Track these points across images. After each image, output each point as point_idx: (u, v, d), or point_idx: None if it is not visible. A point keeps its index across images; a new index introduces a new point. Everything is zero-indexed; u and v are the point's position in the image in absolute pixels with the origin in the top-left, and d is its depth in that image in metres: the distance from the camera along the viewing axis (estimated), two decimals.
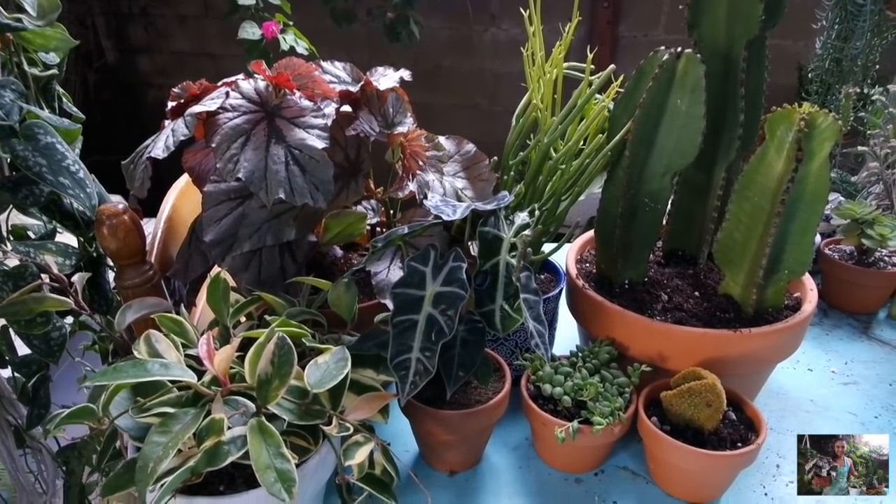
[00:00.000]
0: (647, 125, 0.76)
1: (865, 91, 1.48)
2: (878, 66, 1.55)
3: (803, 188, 0.72)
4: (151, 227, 0.83)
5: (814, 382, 0.92)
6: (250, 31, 1.53)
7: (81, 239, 0.77)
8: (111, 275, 0.80)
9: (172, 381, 0.57)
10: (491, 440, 0.78)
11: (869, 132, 1.18)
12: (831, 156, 0.71)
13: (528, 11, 0.81)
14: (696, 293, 0.84)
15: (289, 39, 1.57)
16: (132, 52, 2.95)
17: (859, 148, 1.15)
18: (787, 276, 0.77)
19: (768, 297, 0.79)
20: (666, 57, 0.73)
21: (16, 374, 0.76)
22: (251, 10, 1.57)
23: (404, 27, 2.00)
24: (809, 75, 1.67)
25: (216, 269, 0.78)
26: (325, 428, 0.56)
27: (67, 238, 0.76)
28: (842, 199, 1.13)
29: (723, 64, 0.78)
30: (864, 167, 1.21)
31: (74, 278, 0.68)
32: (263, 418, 0.54)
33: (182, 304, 0.80)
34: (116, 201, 0.81)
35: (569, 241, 0.88)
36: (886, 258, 1.07)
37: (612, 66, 0.78)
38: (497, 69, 2.62)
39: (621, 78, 0.81)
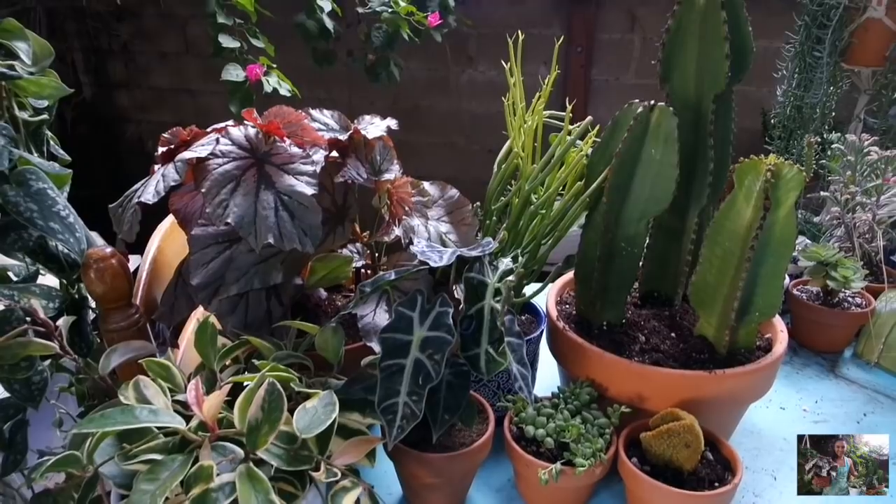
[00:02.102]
0: (623, 173, 0.80)
1: (825, 136, 1.55)
2: (834, 114, 1.63)
3: (771, 235, 0.75)
4: (133, 263, 0.83)
5: (787, 421, 0.95)
6: (234, 73, 1.55)
7: (64, 281, 0.76)
8: (92, 315, 0.79)
9: (159, 427, 0.57)
10: (474, 482, 0.79)
11: (829, 178, 1.24)
12: (798, 198, 0.75)
13: (508, 64, 0.85)
14: (673, 334, 0.87)
15: (272, 81, 1.60)
16: (110, 88, 2.95)
17: (821, 193, 1.21)
18: (757, 318, 0.80)
19: (740, 339, 0.82)
20: (640, 109, 0.77)
21: None
22: (235, 53, 1.60)
23: (384, 69, 2.05)
24: (773, 121, 1.75)
25: (200, 311, 0.78)
26: (313, 474, 0.56)
27: (49, 279, 0.76)
28: (808, 241, 1.18)
29: (693, 115, 0.83)
30: (826, 210, 1.27)
31: (59, 322, 0.67)
32: (252, 464, 0.55)
33: (168, 347, 0.80)
34: (95, 238, 0.81)
35: (552, 281, 0.91)
36: (850, 299, 1.11)
37: (589, 118, 0.82)
38: (474, 109, 2.69)
39: (597, 128, 0.85)
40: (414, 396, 0.62)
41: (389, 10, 1.83)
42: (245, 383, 0.60)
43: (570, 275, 0.96)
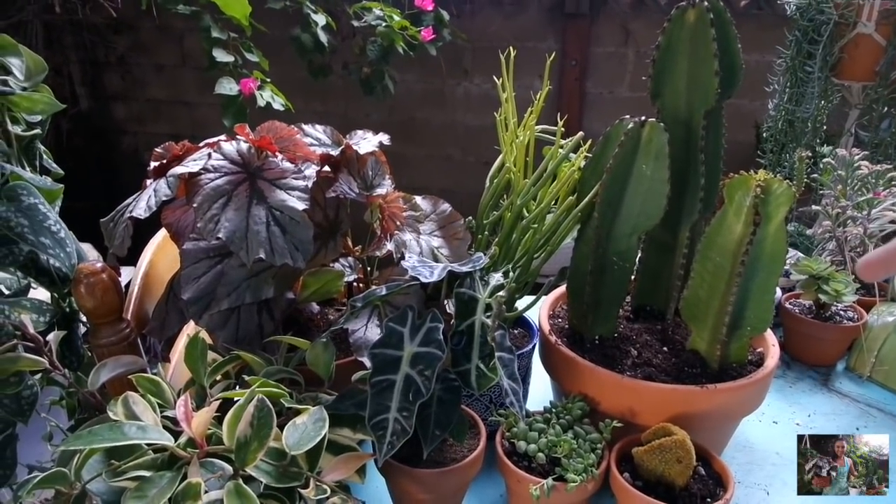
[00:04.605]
0: (614, 189, 0.80)
1: (817, 150, 1.57)
2: (825, 127, 1.65)
3: (761, 250, 0.76)
4: (126, 275, 0.82)
5: (779, 435, 0.95)
6: (227, 87, 1.56)
7: (55, 295, 0.76)
8: (82, 328, 0.79)
9: (148, 444, 0.57)
10: (466, 497, 0.78)
11: (820, 192, 1.24)
12: (788, 213, 0.75)
13: (500, 79, 0.86)
14: (665, 348, 0.87)
15: (265, 96, 1.60)
16: (107, 100, 2.96)
17: (813, 207, 1.22)
18: (749, 332, 0.80)
19: (732, 353, 0.82)
20: (631, 125, 0.78)
21: None
22: (229, 67, 1.61)
23: (379, 82, 2.06)
24: (765, 134, 1.76)
25: (192, 325, 0.78)
26: (302, 491, 0.56)
27: (41, 292, 0.76)
28: (800, 255, 1.18)
29: (684, 131, 0.83)
30: (818, 223, 1.28)
31: (49, 337, 0.67)
32: (241, 481, 0.54)
33: (158, 362, 0.80)
34: (87, 249, 0.81)
35: (546, 294, 0.91)
36: (842, 312, 1.12)
37: (580, 133, 0.83)
38: (469, 122, 2.70)
39: (589, 143, 0.86)
40: (404, 412, 0.62)
41: (384, 24, 1.85)
42: (235, 399, 0.60)
43: (563, 288, 0.96)
